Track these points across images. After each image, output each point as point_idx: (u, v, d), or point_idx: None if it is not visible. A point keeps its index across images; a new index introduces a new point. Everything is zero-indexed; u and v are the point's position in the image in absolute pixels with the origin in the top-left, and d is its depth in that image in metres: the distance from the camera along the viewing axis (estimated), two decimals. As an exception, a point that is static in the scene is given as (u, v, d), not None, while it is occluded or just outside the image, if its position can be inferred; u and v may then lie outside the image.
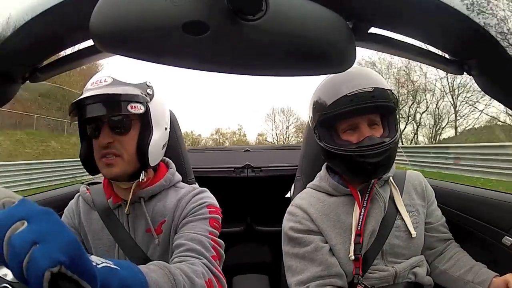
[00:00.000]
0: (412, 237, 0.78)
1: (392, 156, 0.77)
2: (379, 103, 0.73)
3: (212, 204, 0.79)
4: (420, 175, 0.91)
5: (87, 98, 0.68)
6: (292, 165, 1.42)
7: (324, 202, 0.82)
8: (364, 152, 0.73)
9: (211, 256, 0.68)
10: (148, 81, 0.76)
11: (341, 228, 0.79)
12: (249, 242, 1.64)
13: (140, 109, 0.70)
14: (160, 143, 0.78)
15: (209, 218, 0.76)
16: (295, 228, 0.80)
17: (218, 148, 3.35)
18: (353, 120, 0.76)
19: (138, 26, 0.29)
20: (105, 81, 0.71)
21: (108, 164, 0.71)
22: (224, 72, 0.35)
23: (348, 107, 0.73)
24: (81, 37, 0.40)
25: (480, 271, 0.77)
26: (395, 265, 0.77)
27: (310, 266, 0.76)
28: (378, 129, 0.77)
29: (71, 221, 0.81)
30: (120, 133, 0.72)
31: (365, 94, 0.72)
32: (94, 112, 0.68)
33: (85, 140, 0.77)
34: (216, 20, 0.28)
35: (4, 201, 0.35)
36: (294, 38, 0.31)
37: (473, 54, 0.39)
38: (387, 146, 0.73)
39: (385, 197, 0.81)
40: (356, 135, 0.76)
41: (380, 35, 0.40)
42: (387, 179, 0.83)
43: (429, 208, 0.86)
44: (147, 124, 0.74)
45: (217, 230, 0.75)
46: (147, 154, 0.73)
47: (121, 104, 0.69)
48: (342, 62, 0.35)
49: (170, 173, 0.84)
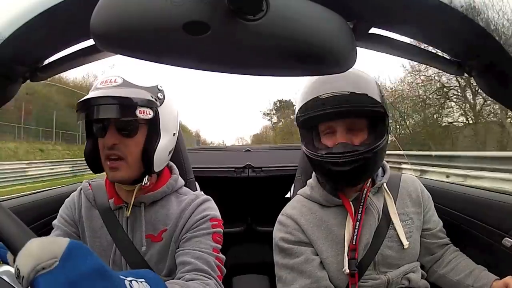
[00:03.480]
0: (405, 248, 0.76)
1: (369, 165, 0.72)
2: (355, 107, 0.69)
3: (215, 216, 0.79)
4: (416, 180, 0.88)
5: (96, 98, 0.67)
6: (292, 165, 1.42)
7: (316, 213, 0.80)
8: (332, 159, 0.69)
9: (217, 276, 0.70)
10: (159, 85, 0.75)
11: (333, 241, 0.77)
12: (250, 242, 1.64)
13: (149, 114, 0.69)
14: (166, 149, 0.77)
15: (212, 233, 0.76)
16: (286, 239, 0.78)
17: (219, 148, 3.35)
18: (331, 123, 0.73)
19: (138, 26, 0.29)
20: (115, 81, 0.70)
21: (112, 168, 0.71)
22: (224, 72, 0.35)
23: (319, 111, 0.70)
24: (81, 37, 0.40)
25: (480, 275, 0.76)
26: (387, 274, 0.76)
27: (300, 278, 0.74)
28: (360, 135, 0.72)
29: (70, 213, 0.81)
30: (126, 135, 0.71)
31: (340, 97, 0.68)
32: (101, 113, 0.67)
33: (91, 137, 0.76)
34: (216, 20, 0.28)
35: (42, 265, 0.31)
36: (294, 38, 0.31)
37: (473, 55, 0.39)
38: (360, 155, 0.68)
39: (378, 206, 0.79)
40: (333, 139, 0.73)
41: (380, 35, 0.40)
42: (380, 186, 0.80)
43: (426, 214, 0.84)
44: (155, 129, 0.73)
45: (219, 244, 0.76)
46: (152, 159, 0.72)
47: (130, 108, 0.67)
48: (343, 62, 0.35)
49: (173, 179, 0.83)
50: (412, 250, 0.79)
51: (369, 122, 0.73)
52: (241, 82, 53.27)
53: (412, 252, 0.79)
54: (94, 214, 0.79)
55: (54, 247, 0.32)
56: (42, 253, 0.31)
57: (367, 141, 0.72)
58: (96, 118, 0.69)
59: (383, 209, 0.79)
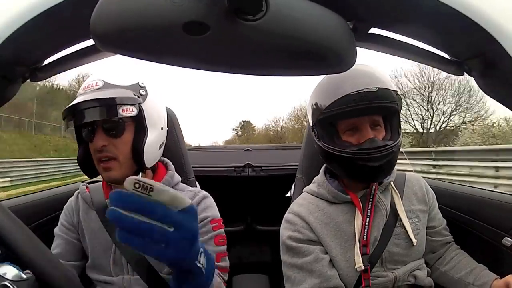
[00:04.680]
0: (413, 245, 0.77)
1: (394, 160, 0.74)
2: (383, 104, 0.70)
3: (214, 217, 0.79)
4: (421, 179, 0.89)
5: (79, 104, 0.68)
6: (293, 165, 1.42)
7: (324, 210, 0.80)
8: (365, 155, 0.70)
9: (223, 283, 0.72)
10: (140, 82, 0.75)
11: (342, 238, 0.76)
12: (250, 242, 1.64)
13: (132, 111, 0.69)
14: (156, 143, 0.77)
15: (214, 236, 0.76)
16: (294, 237, 0.77)
17: (219, 147, 3.35)
18: (355, 120, 0.73)
19: (138, 26, 0.29)
20: (96, 85, 0.71)
21: (106, 168, 0.72)
22: (224, 72, 0.35)
23: (351, 107, 0.69)
24: (81, 37, 0.40)
25: (481, 273, 0.76)
26: (394, 271, 0.76)
27: (309, 277, 0.74)
28: (381, 131, 0.74)
29: (69, 219, 0.82)
30: (114, 135, 0.72)
31: (369, 94, 0.69)
32: (85, 117, 0.68)
33: (82, 143, 0.77)
34: (216, 20, 0.28)
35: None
36: (294, 38, 0.31)
37: (473, 54, 0.39)
38: (389, 149, 0.70)
39: (386, 204, 0.79)
40: (357, 136, 0.73)
41: (380, 35, 0.40)
42: (388, 184, 0.81)
43: (431, 212, 0.84)
44: (141, 126, 0.73)
45: (223, 245, 0.77)
46: (142, 155, 0.73)
47: (113, 108, 0.68)
48: (342, 62, 0.35)
49: (169, 175, 0.83)
50: (419, 247, 0.79)
51: (384, 118, 0.75)
52: (219, 92, 55.42)
53: (418, 249, 0.80)
54: (92, 216, 0.79)
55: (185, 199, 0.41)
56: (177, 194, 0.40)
57: (387, 136, 0.74)
58: (82, 122, 0.70)
59: (390, 207, 0.80)
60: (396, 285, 0.76)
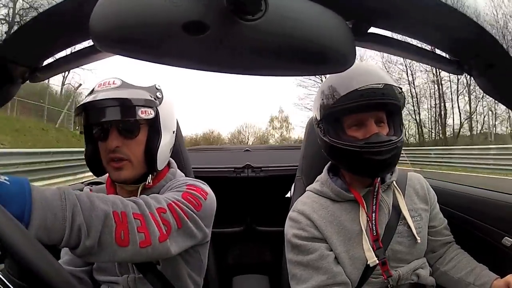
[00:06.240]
0: (417, 242, 0.77)
1: (398, 156, 0.76)
2: (389, 100, 0.72)
3: (194, 184, 0.75)
4: (422, 178, 0.90)
5: (97, 101, 0.66)
6: (292, 165, 1.42)
7: (328, 208, 0.80)
8: (372, 148, 0.71)
9: (156, 209, 0.60)
10: (157, 84, 0.75)
11: (345, 236, 0.77)
12: (249, 242, 1.64)
13: (150, 114, 0.69)
14: (168, 147, 0.77)
15: (183, 191, 0.70)
16: (299, 235, 0.78)
17: (218, 148, 3.35)
18: (361, 116, 0.74)
19: (137, 26, 0.29)
20: (114, 83, 0.70)
21: (117, 168, 0.71)
22: (223, 72, 0.35)
23: (359, 102, 0.71)
24: (81, 37, 0.40)
25: (481, 273, 0.76)
26: (397, 269, 0.77)
27: (315, 274, 0.74)
28: (384, 127, 0.76)
29: None
30: (128, 137, 0.71)
31: (375, 90, 0.71)
32: (103, 116, 0.66)
33: (91, 141, 0.76)
34: (215, 20, 0.28)
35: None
36: (293, 38, 0.31)
37: (473, 54, 0.39)
38: (394, 144, 0.72)
39: (388, 202, 0.80)
40: (362, 131, 0.75)
41: (379, 35, 0.40)
42: (390, 183, 0.82)
43: (432, 211, 0.85)
44: (156, 129, 0.73)
45: (188, 202, 0.68)
46: (155, 158, 0.72)
47: (131, 109, 0.67)
48: (342, 62, 0.35)
49: (171, 173, 0.83)
50: (422, 246, 0.80)
51: (387, 115, 0.77)
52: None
53: (421, 248, 0.80)
54: None
55: None
56: None
57: (390, 132, 0.76)
58: (100, 121, 0.68)
59: (392, 205, 0.80)
60: (399, 283, 0.76)
